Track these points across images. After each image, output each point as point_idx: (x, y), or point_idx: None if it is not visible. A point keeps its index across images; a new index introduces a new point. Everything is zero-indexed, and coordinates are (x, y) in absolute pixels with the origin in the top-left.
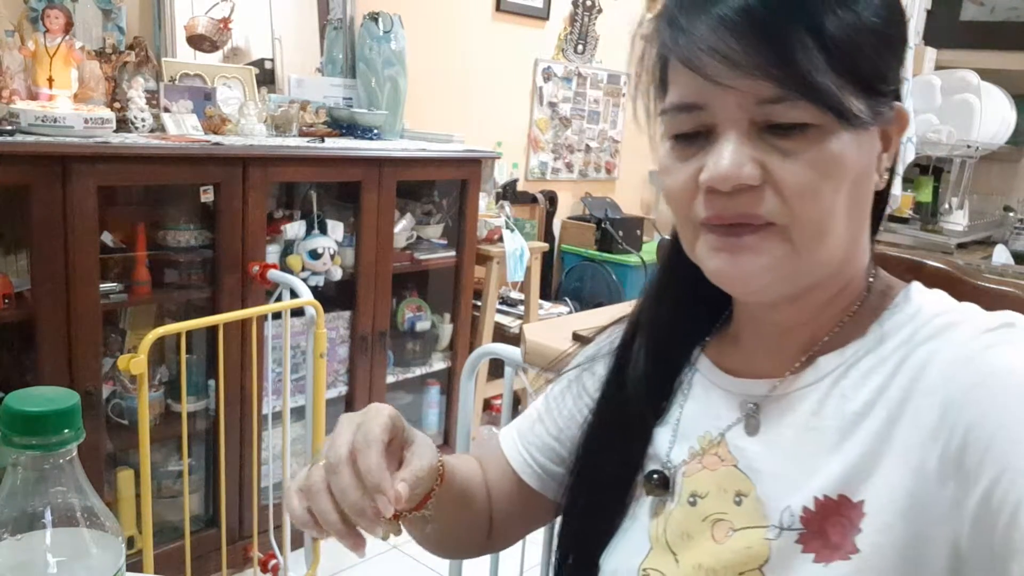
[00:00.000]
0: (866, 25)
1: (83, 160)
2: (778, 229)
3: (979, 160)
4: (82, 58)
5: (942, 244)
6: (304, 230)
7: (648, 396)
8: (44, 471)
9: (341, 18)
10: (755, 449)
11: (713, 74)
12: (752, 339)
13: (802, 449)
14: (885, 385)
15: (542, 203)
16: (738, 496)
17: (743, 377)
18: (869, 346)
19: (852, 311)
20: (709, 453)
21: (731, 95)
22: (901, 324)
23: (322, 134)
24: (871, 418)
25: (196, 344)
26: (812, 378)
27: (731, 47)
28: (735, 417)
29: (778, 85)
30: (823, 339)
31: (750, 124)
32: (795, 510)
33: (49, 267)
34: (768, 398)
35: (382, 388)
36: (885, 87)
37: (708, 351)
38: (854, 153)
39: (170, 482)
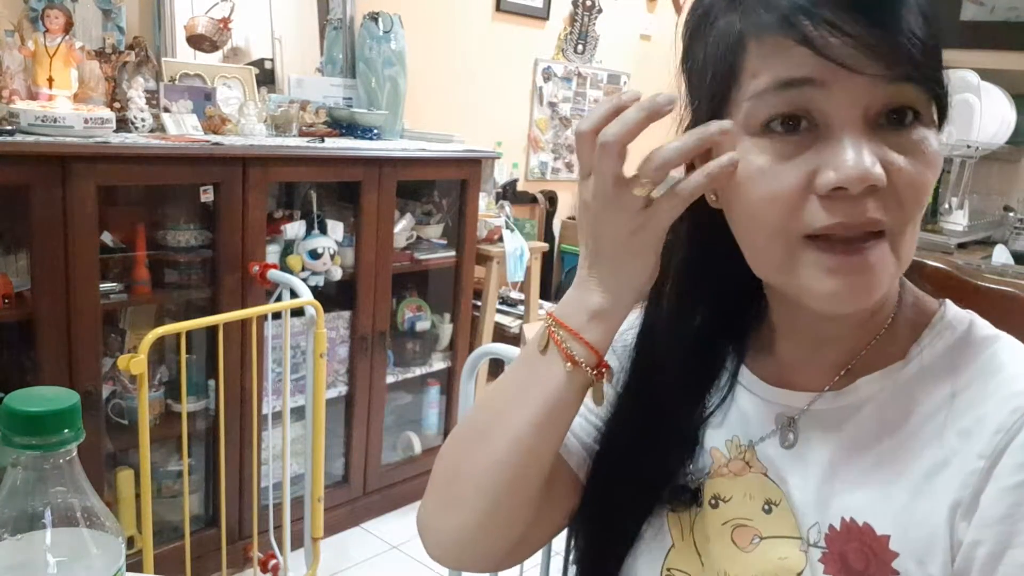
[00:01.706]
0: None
1: (83, 160)
2: (886, 239)
3: (979, 160)
4: (82, 58)
5: (942, 244)
6: (304, 230)
7: (681, 401)
8: (44, 471)
9: (341, 18)
10: (789, 462)
11: (841, 57)
12: (789, 348)
13: (837, 469)
14: (931, 416)
15: (542, 203)
16: (767, 504)
17: (779, 387)
18: (912, 371)
19: (887, 324)
20: (736, 458)
21: (860, 81)
22: (942, 351)
23: (322, 134)
24: (913, 454)
25: (196, 344)
26: (853, 399)
27: (860, 26)
28: (770, 428)
29: (908, 69)
30: (860, 353)
31: (865, 119)
32: (823, 527)
33: (49, 267)
34: (805, 413)
35: (382, 388)
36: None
37: (745, 355)
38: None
39: (170, 482)
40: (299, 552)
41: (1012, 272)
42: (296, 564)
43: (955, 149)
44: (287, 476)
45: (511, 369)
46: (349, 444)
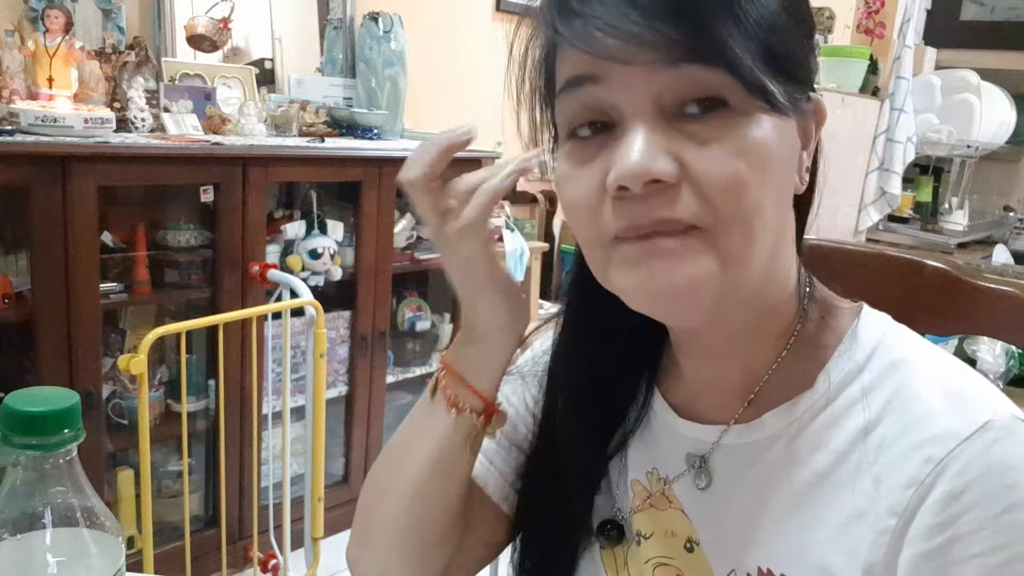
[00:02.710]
0: (789, 14)
1: (83, 160)
2: (701, 234)
3: (979, 160)
4: (82, 58)
5: (942, 244)
6: (304, 230)
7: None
8: (44, 471)
9: (341, 18)
10: (704, 504)
11: (611, 51)
12: (689, 371)
13: (752, 512)
14: (845, 454)
15: (542, 203)
16: (689, 543)
17: (688, 418)
18: (819, 402)
19: (788, 343)
20: (656, 493)
21: (634, 72)
22: (852, 374)
23: (322, 134)
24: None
25: (196, 344)
26: (760, 435)
27: (630, 20)
28: (682, 467)
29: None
30: (762, 379)
31: (658, 112)
32: (740, 573)
33: (49, 267)
34: (715, 450)
35: (382, 388)
36: (802, 73)
37: (659, 381)
38: (776, 141)
39: (170, 482)
40: (299, 552)
41: (1012, 272)
42: (296, 564)
43: (955, 149)
44: (287, 476)
45: (412, 411)
46: (349, 444)
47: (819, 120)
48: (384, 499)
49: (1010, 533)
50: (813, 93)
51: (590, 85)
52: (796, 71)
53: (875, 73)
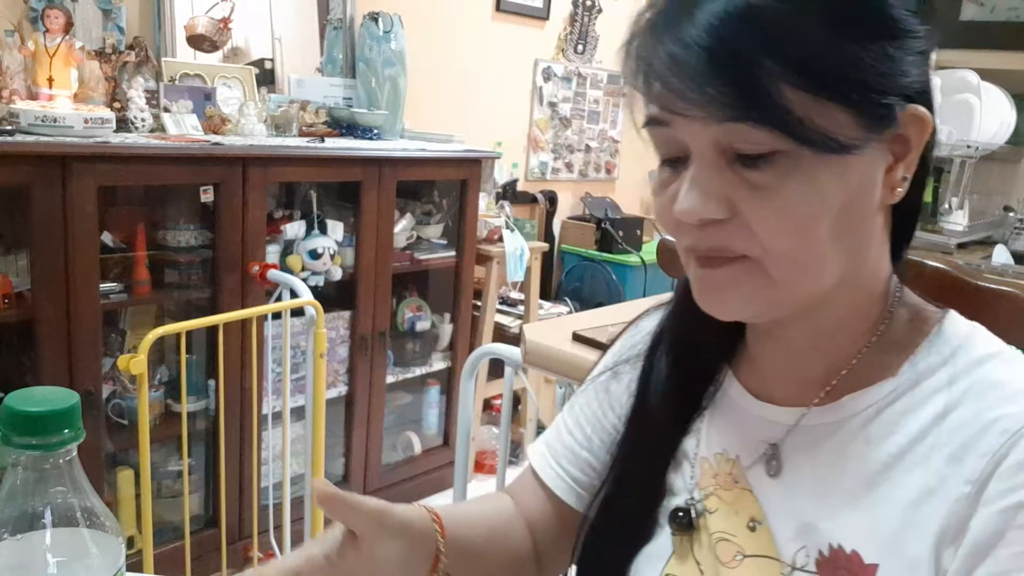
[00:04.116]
0: (844, 37)
1: (83, 160)
2: (752, 262)
3: (979, 160)
4: (82, 58)
5: (942, 244)
6: (304, 230)
7: (672, 411)
8: (44, 471)
9: (341, 18)
10: (775, 488)
11: (668, 104)
12: (768, 359)
13: (824, 491)
14: (920, 436)
15: (542, 203)
16: (752, 521)
17: (764, 400)
18: (902, 388)
19: (873, 338)
20: (723, 472)
21: (692, 122)
22: (936, 365)
23: (322, 134)
24: (900, 477)
25: (196, 344)
26: (839, 416)
27: (684, 78)
28: (755, 453)
29: (730, 108)
30: (845, 368)
31: (718, 153)
32: (811, 552)
33: (49, 267)
34: (790, 433)
35: (382, 388)
36: (882, 97)
37: (735, 367)
38: (835, 181)
39: (170, 482)
40: None
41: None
42: None
43: (955, 149)
44: (287, 476)
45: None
46: (349, 444)
47: (920, 128)
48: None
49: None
50: (912, 104)
51: (662, 127)
52: (867, 94)
53: None
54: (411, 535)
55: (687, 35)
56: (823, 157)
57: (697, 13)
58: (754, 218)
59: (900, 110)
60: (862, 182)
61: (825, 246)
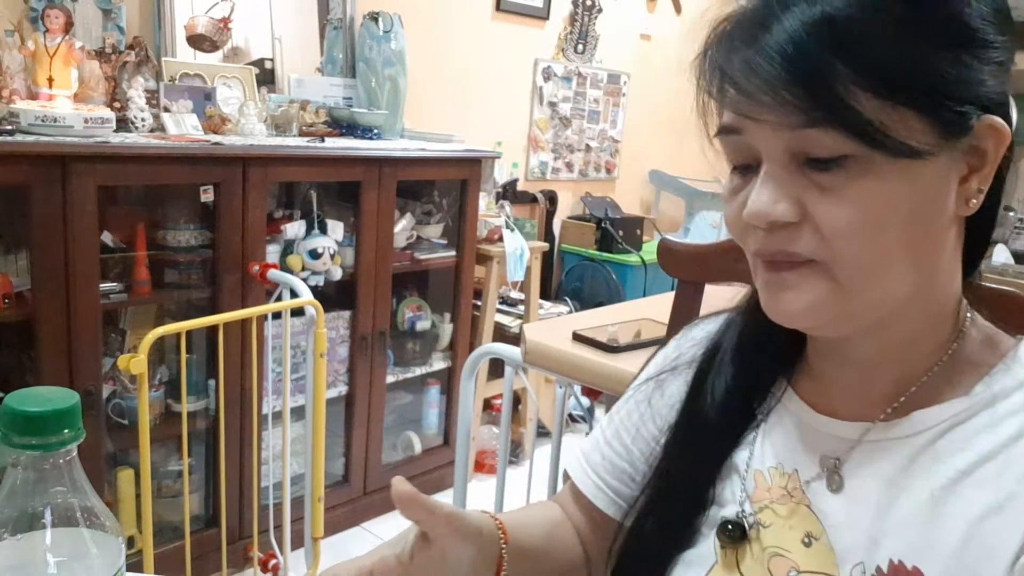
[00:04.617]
0: (917, 43)
1: (83, 160)
2: (820, 267)
3: None
4: (82, 58)
5: None
6: (304, 230)
7: (726, 421)
8: (44, 471)
9: (341, 18)
10: (836, 504)
11: (743, 110)
12: (831, 373)
13: (886, 507)
14: (991, 455)
15: (542, 203)
16: (808, 537)
17: (826, 415)
18: (976, 407)
19: (945, 356)
20: (778, 486)
21: (766, 126)
22: (1012, 388)
23: (322, 134)
24: (967, 493)
25: (196, 344)
26: (906, 430)
27: (759, 81)
28: (814, 469)
29: (803, 113)
30: (914, 384)
31: (790, 157)
32: (868, 567)
33: (49, 267)
34: (854, 449)
35: (382, 388)
36: (957, 105)
37: (793, 379)
38: (906, 187)
39: (170, 482)
40: (299, 552)
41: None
42: (296, 564)
43: None
44: (287, 476)
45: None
46: (349, 444)
47: (997, 139)
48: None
49: None
50: (989, 114)
51: (735, 135)
52: (940, 101)
53: None
54: (481, 540)
55: (764, 43)
56: (894, 162)
57: (774, 24)
58: (823, 220)
59: (976, 120)
60: (934, 191)
61: (894, 253)
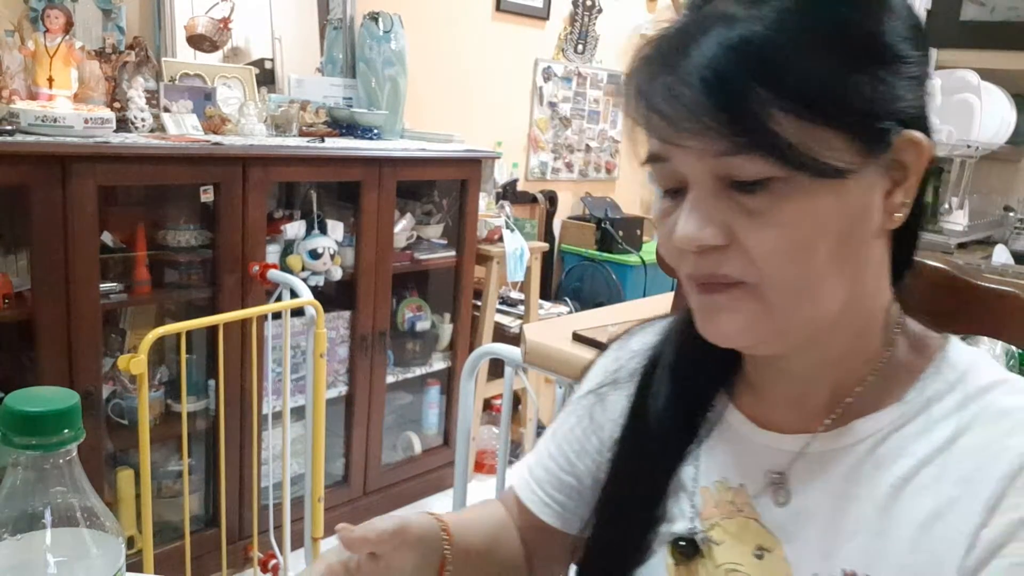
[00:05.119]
0: (836, 64)
1: (83, 160)
2: (751, 288)
3: (979, 160)
4: (82, 58)
5: (942, 244)
6: (304, 230)
7: (669, 438)
8: (44, 471)
9: (341, 18)
10: (785, 518)
11: (666, 136)
12: (770, 387)
13: (835, 517)
14: (929, 460)
15: (542, 203)
16: (759, 550)
17: (767, 429)
18: (910, 413)
19: (878, 365)
20: (725, 501)
21: (691, 153)
22: (944, 391)
23: (322, 134)
24: (910, 500)
25: (196, 344)
26: (847, 441)
27: (680, 107)
28: (760, 483)
29: (725, 139)
30: (850, 395)
31: (716, 182)
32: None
33: (49, 267)
34: (797, 461)
35: (382, 388)
36: (877, 121)
37: (733, 394)
38: (831, 206)
39: (170, 482)
40: (299, 552)
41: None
42: (296, 564)
43: (955, 149)
44: (287, 476)
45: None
46: (349, 444)
47: (919, 154)
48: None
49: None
50: (909, 129)
51: (661, 163)
52: (860, 119)
53: None
54: (423, 546)
55: (684, 68)
56: (819, 182)
57: (693, 48)
58: (750, 243)
59: (896, 135)
60: (859, 207)
61: (822, 271)
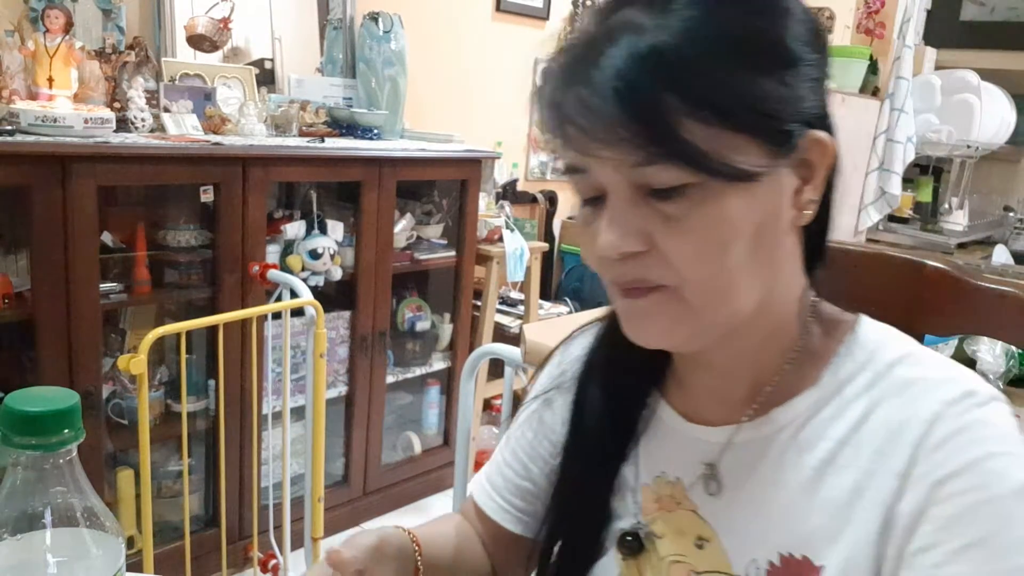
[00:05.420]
0: (742, 70)
1: (83, 160)
2: (671, 291)
3: (979, 160)
4: (82, 58)
5: (942, 244)
6: (304, 230)
7: (606, 439)
8: (44, 471)
9: (341, 18)
10: (718, 507)
11: (583, 148)
12: (695, 382)
13: (765, 503)
14: (846, 440)
15: (542, 203)
16: (699, 540)
17: (696, 422)
18: (826, 396)
19: (793, 353)
20: (665, 496)
21: (607, 164)
22: (855, 371)
23: (322, 134)
24: (833, 480)
25: (196, 344)
26: (769, 430)
27: (595, 120)
28: (693, 475)
29: (640, 149)
30: (769, 384)
31: (634, 190)
32: (761, 564)
33: (49, 267)
34: (725, 452)
35: (382, 388)
36: (783, 124)
37: (664, 391)
38: (744, 208)
39: (170, 482)
40: (299, 552)
41: (1012, 272)
42: (296, 564)
43: (955, 149)
44: (287, 476)
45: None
46: (349, 444)
47: (822, 153)
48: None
49: (985, 477)
50: (813, 130)
51: (579, 174)
52: (767, 122)
53: (875, 73)
54: (403, 556)
55: (595, 79)
56: (731, 185)
57: (603, 59)
58: (669, 248)
59: (801, 136)
60: (771, 207)
61: (739, 271)
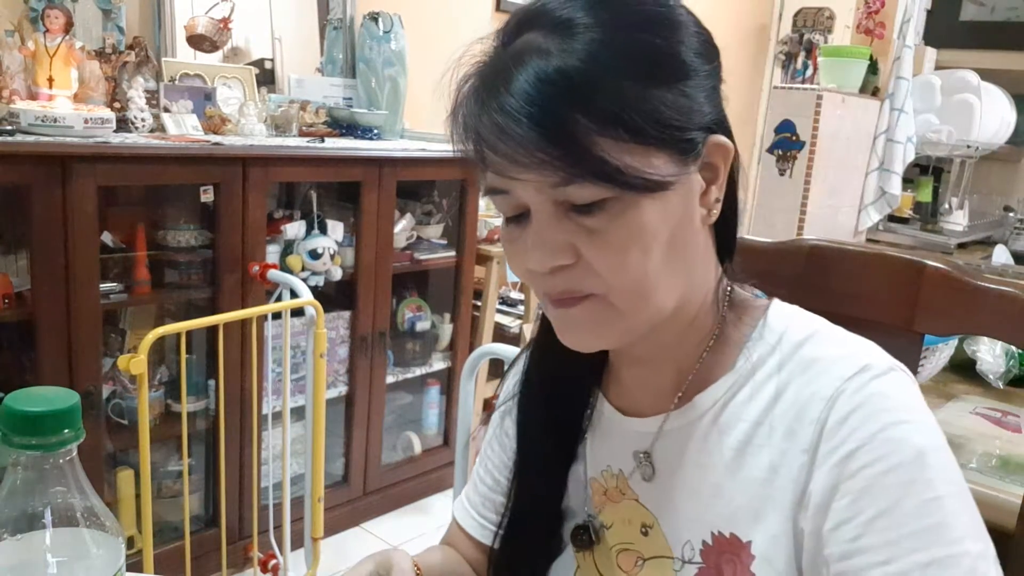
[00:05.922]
0: (646, 86)
1: (83, 160)
2: (599, 298)
3: (979, 160)
4: (82, 58)
5: (942, 244)
6: (304, 230)
7: (553, 442)
8: (44, 471)
9: (341, 18)
10: (654, 492)
11: (502, 171)
12: (628, 376)
13: (695, 486)
14: (760, 420)
15: None
16: (644, 527)
17: (631, 415)
18: (740, 379)
19: (711, 341)
20: (612, 488)
21: (528, 184)
22: (766, 354)
23: (322, 134)
24: (751, 460)
25: (196, 344)
26: (692, 416)
27: (513, 144)
28: (631, 465)
29: (559, 170)
30: (691, 372)
31: (556, 207)
32: (695, 544)
33: (49, 267)
34: (656, 440)
35: (382, 388)
36: (687, 133)
37: (604, 388)
38: (659, 215)
39: (170, 482)
40: (299, 552)
41: (1012, 272)
42: (296, 564)
43: (955, 149)
44: (287, 476)
45: None
46: (349, 444)
47: (723, 154)
48: None
49: (886, 447)
50: (713, 134)
51: (502, 194)
52: (676, 134)
53: (875, 73)
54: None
55: (507, 103)
56: (646, 196)
57: (513, 81)
58: (594, 259)
59: (703, 142)
60: (682, 211)
61: (659, 273)
